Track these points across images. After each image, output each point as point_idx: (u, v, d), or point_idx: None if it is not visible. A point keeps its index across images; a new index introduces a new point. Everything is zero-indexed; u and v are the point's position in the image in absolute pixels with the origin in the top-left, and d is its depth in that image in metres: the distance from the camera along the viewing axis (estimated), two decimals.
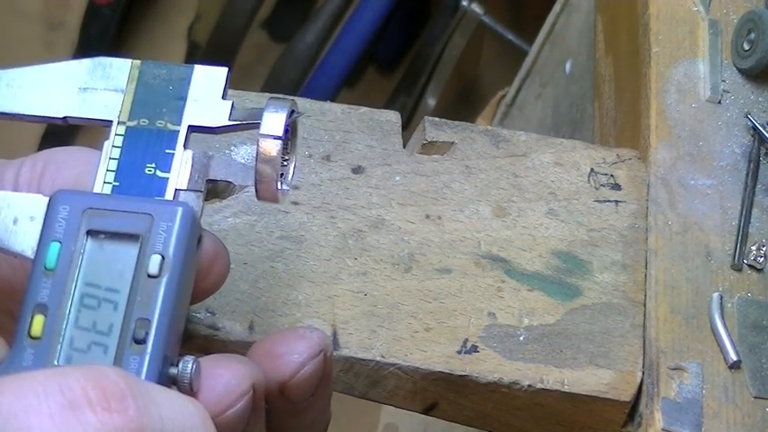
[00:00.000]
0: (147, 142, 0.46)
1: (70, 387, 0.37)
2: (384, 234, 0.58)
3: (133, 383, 0.38)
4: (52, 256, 0.43)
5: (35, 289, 0.43)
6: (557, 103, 0.96)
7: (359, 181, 0.60)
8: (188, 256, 0.44)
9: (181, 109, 0.47)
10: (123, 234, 0.43)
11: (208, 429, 0.41)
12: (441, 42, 1.81)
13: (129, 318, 0.42)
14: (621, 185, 0.62)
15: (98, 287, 0.43)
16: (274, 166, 0.45)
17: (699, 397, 0.55)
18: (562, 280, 0.59)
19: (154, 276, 0.43)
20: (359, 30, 1.79)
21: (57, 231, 0.43)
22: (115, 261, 0.43)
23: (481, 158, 0.62)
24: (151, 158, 0.46)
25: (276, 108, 0.45)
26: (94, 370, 0.38)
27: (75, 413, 0.37)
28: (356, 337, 0.55)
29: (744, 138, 0.64)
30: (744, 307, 0.58)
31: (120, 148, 0.46)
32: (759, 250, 0.60)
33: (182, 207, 0.44)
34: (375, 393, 0.57)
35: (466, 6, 1.78)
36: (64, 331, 0.42)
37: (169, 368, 0.43)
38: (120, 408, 0.37)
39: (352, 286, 0.56)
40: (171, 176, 0.46)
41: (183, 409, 0.40)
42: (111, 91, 0.47)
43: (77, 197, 0.44)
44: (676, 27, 0.66)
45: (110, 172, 0.46)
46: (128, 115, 0.47)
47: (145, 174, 0.46)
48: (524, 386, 0.56)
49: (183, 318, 0.45)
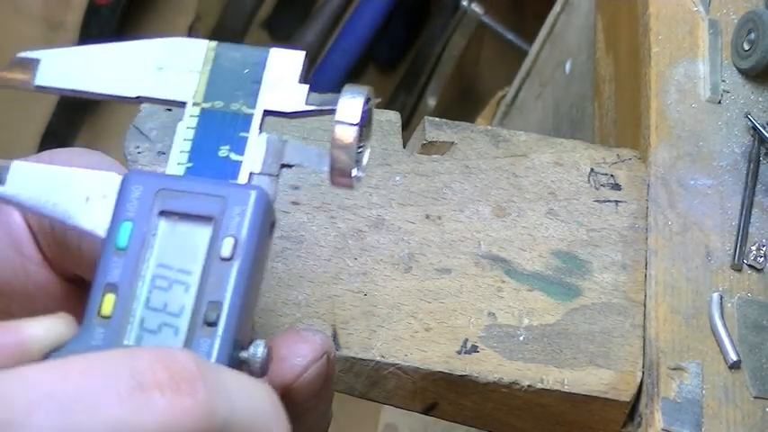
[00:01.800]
0: (222, 125, 0.46)
1: (139, 369, 0.37)
2: (384, 234, 0.58)
3: (204, 366, 0.38)
4: (124, 236, 0.43)
5: (106, 268, 0.42)
6: (557, 103, 0.96)
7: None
8: (261, 240, 0.43)
9: (256, 92, 0.46)
10: (196, 216, 0.43)
11: (278, 414, 0.40)
12: (441, 42, 1.81)
13: (201, 300, 0.42)
14: (621, 185, 0.62)
15: (170, 268, 0.42)
16: (350, 152, 0.44)
17: (699, 397, 0.55)
18: (562, 280, 0.59)
19: (226, 259, 0.42)
20: (359, 30, 1.80)
21: (129, 211, 0.43)
22: (187, 242, 0.43)
23: (481, 158, 0.62)
24: (225, 141, 0.45)
25: (353, 94, 0.45)
26: (165, 352, 0.37)
27: (144, 395, 0.36)
28: (356, 337, 0.55)
29: (744, 138, 0.64)
30: (744, 307, 0.58)
31: (193, 129, 0.46)
32: (759, 250, 0.60)
33: (256, 191, 0.43)
34: (375, 393, 0.57)
35: (466, 6, 1.78)
36: (135, 311, 0.42)
37: (240, 352, 0.42)
38: (190, 391, 0.37)
39: (352, 286, 0.56)
40: (245, 160, 0.45)
41: (254, 393, 0.39)
42: (186, 72, 0.47)
43: (151, 177, 0.44)
44: (676, 27, 0.66)
45: (183, 153, 0.45)
46: (202, 97, 0.46)
47: (218, 156, 0.45)
48: (524, 386, 0.56)
49: (255, 302, 0.44)
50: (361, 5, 1.79)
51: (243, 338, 0.43)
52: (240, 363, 0.42)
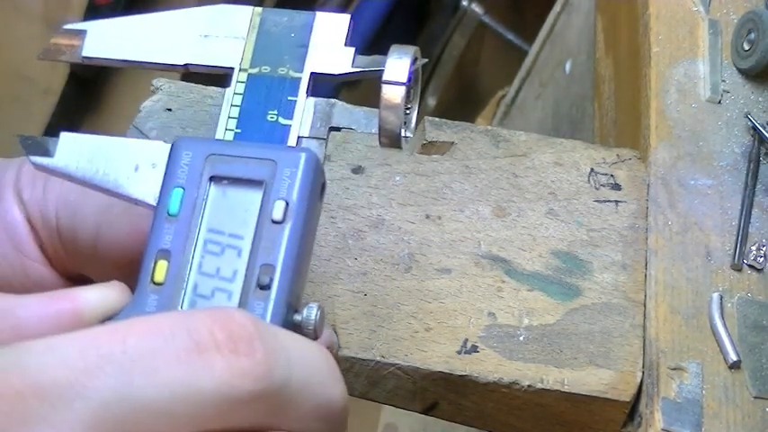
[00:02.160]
0: (269, 89, 0.46)
1: (197, 329, 0.36)
2: (384, 234, 0.58)
3: (261, 326, 0.37)
4: (175, 202, 0.43)
5: (158, 235, 0.42)
6: (557, 103, 0.96)
7: (359, 181, 0.60)
8: (312, 202, 0.43)
9: (303, 56, 0.46)
10: (246, 180, 0.43)
11: (333, 373, 0.40)
12: (441, 42, 1.81)
13: (254, 263, 0.42)
14: (621, 185, 0.62)
15: (221, 233, 0.42)
16: (398, 112, 0.44)
17: (699, 397, 0.55)
18: (562, 280, 0.59)
19: (278, 222, 0.42)
20: (359, 30, 1.79)
21: (179, 177, 0.43)
22: (238, 207, 0.43)
23: (481, 158, 0.62)
24: (273, 105, 0.45)
25: (400, 54, 0.45)
26: (222, 312, 0.37)
27: (203, 355, 0.36)
28: (356, 337, 0.55)
29: (744, 138, 0.64)
30: (744, 307, 0.58)
31: (241, 95, 0.46)
32: (759, 250, 0.60)
33: (305, 153, 0.43)
34: (375, 393, 0.57)
35: (466, 6, 1.78)
36: (187, 277, 0.42)
37: (293, 315, 0.42)
38: (249, 351, 0.36)
39: (352, 286, 0.56)
40: (293, 123, 0.45)
41: (311, 353, 0.39)
42: (232, 38, 0.47)
43: (200, 143, 0.44)
44: (676, 27, 0.66)
45: (231, 119, 0.45)
46: (249, 62, 0.46)
47: (267, 121, 0.45)
48: (524, 386, 0.56)
49: (307, 266, 0.44)
50: (361, 5, 1.79)
51: (296, 302, 0.43)
52: (294, 326, 0.42)
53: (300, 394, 0.38)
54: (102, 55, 0.48)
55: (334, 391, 0.40)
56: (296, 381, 0.38)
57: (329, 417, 0.40)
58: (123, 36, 0.48)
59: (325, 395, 0.39)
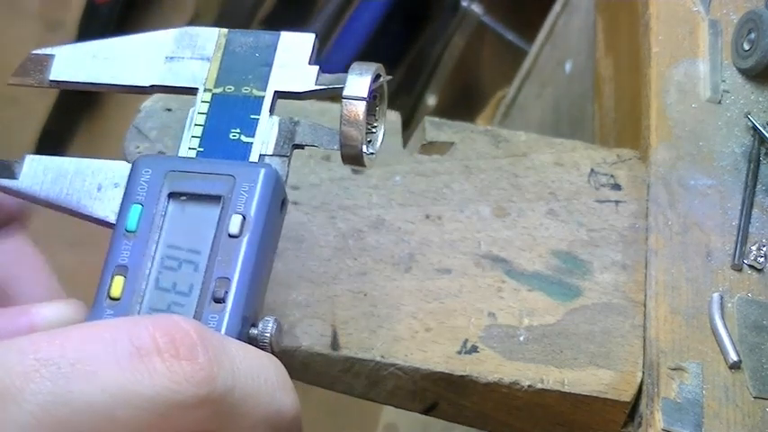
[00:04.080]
0: (233, 108, 0.46)
1: (139, 335, 0.37)
2: (384, 234, 0.58)
3: (204, 333, 0.37)
4: (133, 219, 0.43)
5: (116, 251, 0.43)
6: (557, 103, 0.96)
7: (359, 181, 0.60)
8: (270, 217, 0.43)
9: (266, 75, 0.47)
10: (205, 196, 0.43)
11: (284, 383, 0.40)
12: (441, 42, 1.81)
13: (210, 277, 0.42)
14: (621, 185, 0.62)
15: (179, 248, 0.43)
16: (359, 128, 0.45)
17: (699, 397, 0.55)
18: (562, 280, 0.59)
19: (235, 236, 0.42)
20: (359, 30, 1.79)
21: (139, 194, 0.44)
22: (197, 223, 0.43)
23: (481, 158, 0.62)
24: (236, 124, 0.46)
25: (361, 71, 0.45)
26: (165, 318, 0.38)
27: (143, 360, 0.36)
28: (356, 337, 0.55)
29: (744, 138, 0.64)
30: (744, 307, 0.58)
31: (205, 115, 0.46)
32: (759, 250, 0.60)
33: (264, 168, 0.44)
34: (375, 393, 0.57)
35: (466, 6, 1.78)
36: (144, 292, 0.42)
37: (249, 328, 0.42)
38: (190, 355, 0.37)
39: (352, 286, 0.56)
40: (255, 141, 0.45)
41: (260, 362, 0.39)
42: (197, 59, 0.47)
43: (161, 161, 0.44)
44: (676, 27, 0.66)
45: (194, 138, 0.46)
46: (214, 82, 0.47)
47: (229, 139, 0.45)
48: (524, 386, 0.56)
49: (266, 280, 0.44)
50: (360, 5, 1.79)
51: (253, 315, 0.43)
52: (250, 339, 0.42)
53: (247, 402, 0.38)
54: (70, 78, 0.48)
55: (284, 401, 0.40)
56: (242, 388, 0.38)
57: (279, 426, 0.40)
58: (90, 60, 0.48)
59: (275, 405, 0.39)
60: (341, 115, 0.45)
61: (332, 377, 0.56)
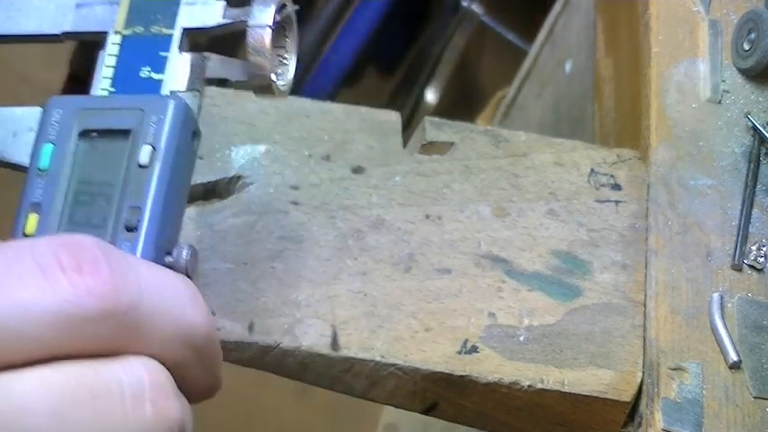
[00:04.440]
0: (143, 48, 0.47)
1: (42, 252, 0.37)
2: (384, 234, 0.58)
3: (108, 249, 0.38)
4: (45, 157, 0.44)
5: (30, 190, 0.44)
6: (557, 103, 0.96)
7: (359, 181, 0.60)
8: (181, 147, 0.44)
9: (174, 13, 0.48)
10: (115, 131, 0.44)
11: (195, 299, 0.40)
12: (441, 42, 1.81)
13: (121, 207, 0.43)
14: (621, 185, 0.62)
15: (92, 183, 0.43)
16: (266, 56, 0.46)
17: (699, 397, 0.55)
18: (562, 280, 0.59)
19: (145, 166, 0.43)
20: (359, 30, 1.80)
21: (50, 134, 0.44)
22: (108, 157, 0.44)
23: (481, 158, 0.62)
24: (146, 63, 0.47)
25: (266, 1, 0.46)
26: (68, 237, 0.38)
27: (47, 276, 0.36)
28: (356, 337, 0.55)
29: (744, 138, 0.64)
30: (744, 307, 0.58)
31: (115, 56, 0.47)
32: (759, 250, 0.60)
33: (173, 99, 0.44)
34: (375, 393, 0.57)
35: (466, 6, 1.78)
36: (57, 227, 0.43)
37: (164, 257, 0.43)
38: (93, 270, 0.37)
39: (352, 286, 0.56)
40: (166, 77, 0.46)
41: (168, 280, 0.40)
42: (107, 4, 0.48)
43: (70, 100, 0.45)
44: (676, 27, 0.66)
45: (105, 79, 0.46)
46: (123, 25, 0.48)
47: (140, 78, 0.46)
48: (524, 386, 0.56)
49: (180, 210, 0.45)
50: (360, 6, 1.79)
51: (167, 244, 0.43)
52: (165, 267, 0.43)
53: (155, 317, 0.38)
54: None
55: (195, 317, 0.40)
56: (149, 302, 0.38)
57: (192, 342, 0.40)
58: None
59: (186, 320, 0.39)
60: (246, 44, 0.45)
61: (332, 377, 0.56)
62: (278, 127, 0.60)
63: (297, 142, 0.60)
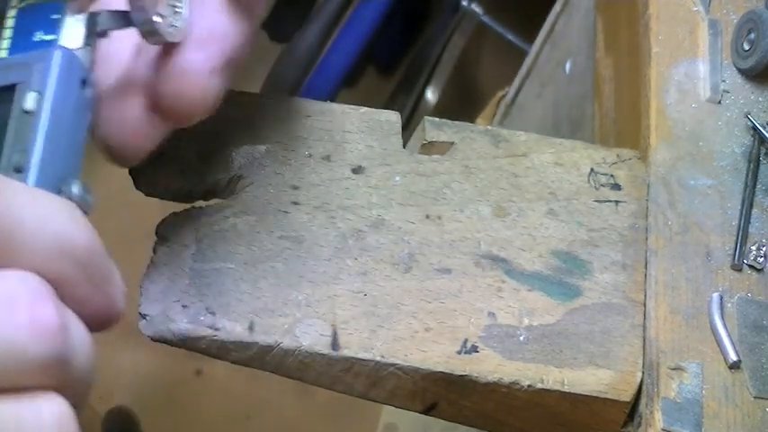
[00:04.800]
0: (36, 16, 0.48)
1: None
2: (384, 234, 0.58)
3: None
4: None
5: None
6: (557, 103, 0.96)
7: (359, 181, 0.60)
8: (68, 92, 0.45)
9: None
10: (4, 87, 0.45)
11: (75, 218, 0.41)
12: (441, 42, 1.81)
13: (10, 152, 0.44)
14: (621, 185, 0.62)
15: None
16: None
17: (699, 397, 0.55)
18: (562, 280, 0.59)
19: (30, 111, 0.44)
20: (359, 30, 1.79)
21: None
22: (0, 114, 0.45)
23: (481, 158, 0.62)
24: (40, 28, 0.48)
25: None
26: None
27: None
28: (356, 337, 0.55)
29: (744, 138, 0.64)
30: (744, 307, 0.58)
31: (11, 29, 0.48)
32: (759, 250, 0.60)
33: (57, 50, 0.45)
34: (375, 393, 0.57)
35: (466, 6, 1.78)
36: None
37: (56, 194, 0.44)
38: None
39: (353, 286, 0.56)
40: (59, 38, 0.47)
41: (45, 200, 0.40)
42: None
43: None
44: (676, 27, 0.66)
45: (2, 50, 0.48)
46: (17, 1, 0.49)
47: (33, 41, 0.47)
48: (524, 386, 0.56)
49: (72, 154, 0.45)
50: (360, 6, 1.79)
51: (58, 185, 0.44)
52: None
53: (29, 230, 0.39)
54: None
55: (74, 232, 0.40)
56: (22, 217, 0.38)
57: (73, 256, 0.40)
58: None
59: (64, 235, 0.40)
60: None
61: (332, 377, 0.56)
62: (278, 127, 0.60)
63: (297, 142, 0.60)
